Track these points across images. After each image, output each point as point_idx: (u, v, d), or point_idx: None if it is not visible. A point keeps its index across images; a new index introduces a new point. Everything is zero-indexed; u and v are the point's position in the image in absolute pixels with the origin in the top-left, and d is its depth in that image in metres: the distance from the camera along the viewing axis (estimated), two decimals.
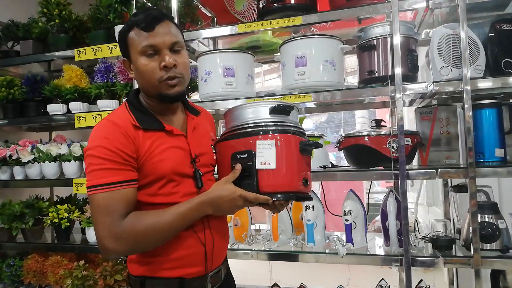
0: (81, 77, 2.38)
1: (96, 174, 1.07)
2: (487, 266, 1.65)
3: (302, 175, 1.20)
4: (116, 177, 1.07)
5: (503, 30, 1.76)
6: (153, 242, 1.10)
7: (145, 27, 1.12)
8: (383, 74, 1.86)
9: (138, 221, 1.07)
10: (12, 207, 2.38)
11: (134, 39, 1.14)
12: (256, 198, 1.13)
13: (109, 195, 1.06)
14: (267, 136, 1.17)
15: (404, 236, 1.69)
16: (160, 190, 1.14)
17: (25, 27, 2.57)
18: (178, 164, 1.16)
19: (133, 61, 1.16)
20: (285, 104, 1.23)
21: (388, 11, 1.77)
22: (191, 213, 1.12)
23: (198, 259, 1.18)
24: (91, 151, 1.09)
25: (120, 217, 1.06)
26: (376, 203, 4.32)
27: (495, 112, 1.79)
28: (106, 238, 1.05)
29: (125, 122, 1.13)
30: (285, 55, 1.98)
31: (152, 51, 1.13)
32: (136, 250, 1.14)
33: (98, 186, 1.06)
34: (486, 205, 1.74)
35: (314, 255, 1.87)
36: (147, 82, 1.15)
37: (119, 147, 1.08)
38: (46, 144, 2.47)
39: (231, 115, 1.30)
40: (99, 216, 1.06)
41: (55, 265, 2.25)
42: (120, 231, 1.05)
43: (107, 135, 1.09)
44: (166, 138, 1.17)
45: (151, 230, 1.07)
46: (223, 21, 2.81)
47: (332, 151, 2.52)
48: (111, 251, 1.06)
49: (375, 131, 1.87)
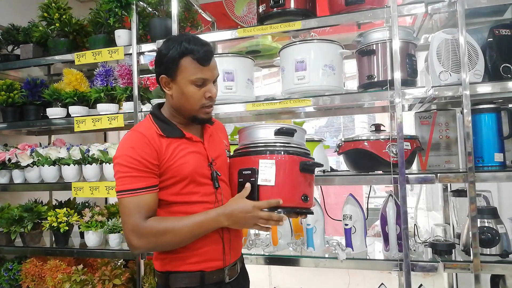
0: (81, 81, 2.38)
1: (123, 180, 1.23)
2: (486, 271, 1.65)
3: (301, 191, 1.31)
4: (140, 184, 1.22)
5: (501, 35, 1.76)
6: (171, 243, 1.24)
7: (202, 62, 1.26)
8: (382, 79, 1.86)
9: (159, 223, 1.23)
10: (11, 211, 2.37)
11: (187, 68, 1.26)
12: (268, 203, 1.25)
13: (134, 199, 1.21)
14: (268, 156, 1.31)
15: (403, 241, 1.69)
16: (183, 189, 1.28)
17: (25, 31, 2.58)
18: (198, 166, 1.30)
19: (179, 84, 1.28)
20: (288, 127, 1.37)
21: (387, 16, 1.78)
22: (208, 222, 1.25)
23: (217, 254, 1.31)
24: (119, 160, 1.24)
25: (142, 218, 1.21)
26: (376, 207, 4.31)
27: (494, 116, 1.80)
28: (131, 235, 1.21)
29: (150, 131, 1.28)
30: (284, 59, 1.99)
31: (201, 83, 1.28)
32: (156, 248, 1.28)
33: (125, 191, 1.22)
34: (486, 209, 1.74)
35: (313, 260, 1.86)
36: (189, 106, 1.30)
37: (143, 155, 1.23)
38: (46, 147, 2.46)
39: (242, 133, 1.46)
40: (125, 217, 1.22)
41: (54, 269, 2.24)
42: (142, 230, 1.20)
43: (133, 145, 1.24)
44: (187, 144, 1.32)
45: (170, 232, 1.22)
46: (223, 25, 2.82)
47: (331, 155, 2.52)
48: (136, 247, 1.22)
49: (375, 136, 1.87)
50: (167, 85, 1.31)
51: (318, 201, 2.01)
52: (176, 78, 1.28)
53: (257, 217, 1.25)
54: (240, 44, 2.55)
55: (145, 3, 2.32)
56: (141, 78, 2.24)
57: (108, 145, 2.31)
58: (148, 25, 2.30)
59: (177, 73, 1.27)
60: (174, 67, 1.27)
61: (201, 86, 1.28)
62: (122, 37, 2.26)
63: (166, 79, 1.30)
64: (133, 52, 2.20)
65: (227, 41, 2.16)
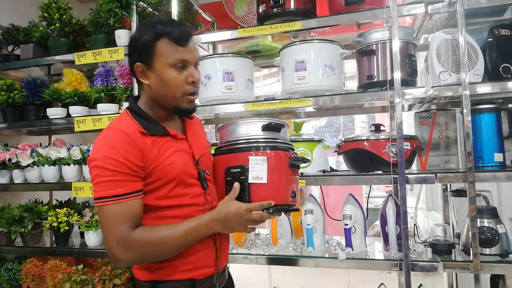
0: (81, 81, 2.38)
1: (103, 185, 1.08)
2: (486, 271, 1.65)
3: (291, 188, 1.28)
4: (123, 189, 1.09)
5: (501, 35, 1.77)
6: (161, 253, 1.13)
7: (179, 42, 1.14)
8: (382, 79, 1.87)
9: (149, 233, 1.11)
10: (11, 211, 2.37)
11: (165, 50, 1.14)
12: (261, 205, 1.18)
13: (118, 207, 1.08)
14: (259, 152, 1.24)
15: (403, 241, 1.69)
16: (170, 192, 1.17)
17: (26, 31, 2.58)
18: (185, 166, 1.20)
19: (156, 70, 1.16)
20: (277, 122, 1.30)
21: (387, 16, 1.78)
22: (201, 229, 1.15)
23: (209, 260, 1.23)
24: (98, 162, 1.09)
25: (129, 228, 1.09)
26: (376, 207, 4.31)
27: (494, 116, 1.80)
28: (116, 248, 1.08)
29: (132, 129, 1.14)
30: (284, 59, 1.99)
31: (182, 65, 1.16)
32: (144, 260, 1.16)
33: (106, 198, 1.08)
34: (486, 209, 1.74)
35: (313, 260, 1.87)
36: (170, 94, 1.18)
37: (127, 156, 1.09)
38: (46, 148, 2.47)
39: (225, 130, 1.37)
40: (108, 227, 1.09)
41: (54, 269, 2.24)
42: (130, 241, 1.08)
43: (115, 144, 1.10)
44: (171, 142, 1.21)
45: (161, 242, 1.11)
46: (223, 25, 2.82)
47: (331, 155, 2.52)
48: (121, 260, 1.09)
49: (374, 136, 1.87)
50: (143, 74, 1.19)
51: (318, 201, 2.01)
52: (153, 64, 1.15)
53: (250, 219, 1.17)
54: (240, 44, 2.55)
55: (145, 3, 2.32)
56: None
57: None
58: None
59: (153, 58, 1.15)
60: (150, 51, 1.14)
61: (182, 70, 1.16)
62: (122, 37, 2.27)
63: (141, 67, 1.18)
64: None
65: (227, 41, 2.17)
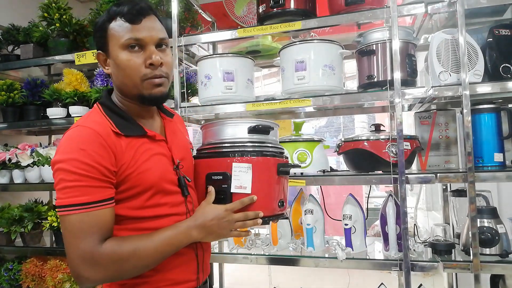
0: (81, 81, 2.38)
1: (69, 192, 0.93)
2: (486, 271, 1.65)
3: (278, 197, 1.17)
4: (93, 196, 0.94)
5: (501, 35, 1.77)
6: (135, 269, 0.99)
7: (130, 19, 1.01)
8: (382, 79, 1.87)
9: (120, 246, 0.96)
10: (11, 211, 2.37)
11: (115, 30, 1.02)
12: (241, 202, 1.08)
13: (85, 217, 0.93)
14: (244, 159, 1.12)
15: (403, 241, 1.69)
16: (147, 202, 1.04)
17: (26, 31, 2.58)
18: (164, 172, 1.07)
19: (111, 55, 1.04)
20: (265, 124, 1.19)
21: (387, 16, 1.78)
22: (179, 237, 1.02)
23: (191, 274, 1.12)
24: (63, 164, 0.94)
25: (97, 241, 0.94)
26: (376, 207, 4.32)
27: (494, 117, 1.80)
28: (81, 265, 0.92)
29: (105, 129, 1.00)
30: (284, 59, 1.99)
31: (136, 45, 1.02)
32: (115, 278, 1.00)
33: (72, 206, 0.93)
34: (486, 209, 1.74)
35: (313, 260, 1.87)
36: (128, 80, 1.03)
37: (97, 159, 0.95)
38: (46, 147, 2.47)
39: (208, 130, 1.25)
40: (72, 240, 0.93)
41: (54, 269, 2.24)
42: (98, 257, 0.93)
43: (84, 146, 0.95)
44: (149, 144, 1.08)
45: (134, 256, 0.96)
46: (223, 25, 2.82)
47: (331, 155, 2.52)
48: (87, 279, 0.93)
49: (374, 136, 1.87)
50: (105, 63, 1.08)
51: (318, 201, 2.01)
52: (109, 49, 1.04)
53: (233, 220, 1.07)
54: (240, 44, 2.55)
55: None
56: None
57: None
58: None
59: (108, 42, 1.03)
60: (104, 36, 1.04)
61: (137, 52, 1.02)
62: None
63: (102, 55, 1.07)
64: None
65: (227, 41, 2.16)
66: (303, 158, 1.97)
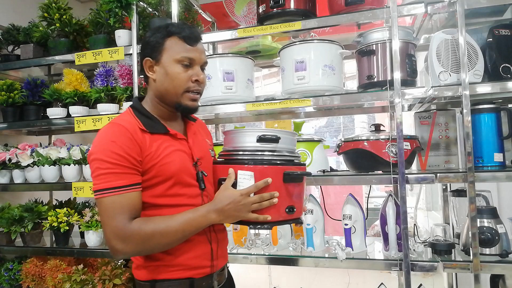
0: (81, 81, 2.38)
1: (103, 178, 1.11)
2: (486, 271, 1.65)
3: (285, 204, 1.21)
4: (122, 181, 1.11)
5: (501, 35, 1.77)
6: (159, 245, 1.14)
7: (189, 41, 1.21)
8: (382, 79, 1.87)
9: (146, 224, 1.12)
10: (11, 211, 2.37)
11: (173, 46, 1.21)
12: (256, 186, 1.18)
13: (116, 198, 1.10)
14: (247, 167, 1.20)
15: (403, 241, 1.69)
16: (167, 191, 1.19)
17: (26, 31, 2.58)
18: (183, 166, 1.22)
19: (163, 65, 1.21)
20: (272, 133, 1.26)
21: (387, 16, 1.78)
22: (198, 219, 1.16)
23: (206, 260, 1.24)
24: (98, 155, 1.12)
25: (127, 220, 1.11)
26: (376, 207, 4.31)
27: (494, 117, 1.80)
28: (114, 240, 1.10)
29: (133, 126, 1.18)
30: (284, 59, 1.99)
31: (188, 63, 1.21)
32: (142, 252, 1.17)
33: (105, 190, 1.10)
34: (485, 209, 1.74)
35: (313, 260, 1.87)
36: (172, 88, 1.22)
37: (126, 150, 1.12)
38: (46, 147, 2.47)
39: (227, 137, 1.37)
40: (107, 219, 1.11)
41: (54, 269, 2.24)
42: (127, 233, 1.10)
43: (114, 139, 1.13)
44: (171, 141, 1.23)
45: (158, 233, 1.12)
46: (223, 25, 2.83)
47: (331, 155, 2.52)
48: (119, 252, 1.11)
49: (374, 136, 1.87)
50: (150, 68, 1.25)
51: (318, 201, 2.01)
52: (160, 58, 1.22)
53: (248, 203, 1.16)
54: (240, 44, 2.55)
55: (146, 3, 2.32)
56: (141, 78, 2.24)
57: None
58: (148, 26, 2.30)
59: (162, 53, 1.21)
60: (159, 47, 1.21)
61: (187, 68, 1.22)
62: (122, 37, 2.27)
63: (150, 62, 1.24)
64: (133, 52, 2.20)
65: (227, 41, 2.17)
66: (303, 158, 1.97)
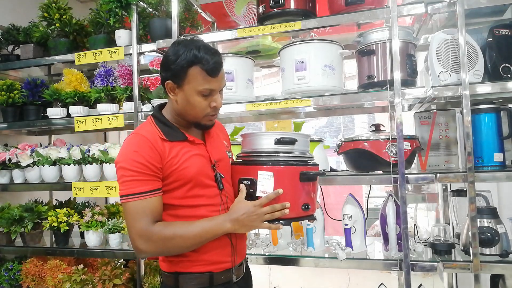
0: (81, 81, 2.38)
1: (127, 184, 1.22)
2: (486, 271, 1.65)
3: (302, 202, 1.31)
4: (144, 187, 1.21)
5: (501, 35, 1.77)
6: (178, 248, 1.25)
7: (211, 73, 1.24)
8: (382, 79, 1.87)
9: (167, 228, 1.23)
10: (11, 211, 2.37)
11: (195, 78, 1.24)
12: (267, 197, 1.27)
13: (139, 203, 1.21)
14: (267, 167, 1.30)
15: (403, 241, 1.69)
16: (187, 193, 1.28)
17: (26, 31, 2.58)
18: (201, 169, 1.30)
19: (185, 93, 1.27)
20: (289, 136, 1.36)
21: (387, 16, 1.78)
22: (214, 227, 1.25)
23: (226, 256, 1.33)
24: (122, 164, 1.23)
25: (149, 222, 1.21)
26: (376, 207, 4.31)
27: (494, 116, 1.80)
28: (138, 240, 1.20)
29: (153, 135, 1.27)
30: (284, 59, 1.99)
31: (208, 93, 1.27)
32: (163, 252, 1.28)
33: (131, 195, 1.21)
34: (485, 209, 1.74)
35: (313, 260, 1.87)
36: (193, 113, 1.30)
37: (147, 159, 1.22)
38: (46, 147, 2.47)
39: (245, 139, 1.46)
40: (132, 221, 1.21)
41: (54, 269, 2.24)
42: (150, 234, 1.20)
43: (137, 148, 1.23)
44: (190, 147, 1.32)
45: (178, 237, 1.22)
46: (223, 25, 2.82)
47: (331, 155, 2.52)
48: (142, 251, 1.22)
49: (374, 136, 1.87)
50: (172, 90, 1.30)
51: (318, 201, 2.01)
52: (183, 86, 1.26)
53: (261, 214, 1.26)
54: (240, 44, 2.55)
55: (145, 3, 2.32)
56: (141, 78, 2.24)
57: (108, 145, 2.32)
58: (148, 25, 2.30)
59: (184, 81, 1.25)
60: (182, 75, 1.25)
61: (207, 96, 1.27)
62: (122, 37, 2.27)
63: (172, 85, 1.28)
64: (133, 52, 2.20)
65: (227, 41, 2.17)
66: None
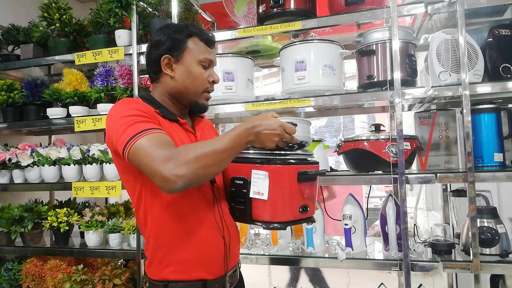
0: (81, 81, 2.38)
1: (130, 128, 1.08)
2: (486, 271, 1.65)
3: (299, 204, 1.18)
4: (150, 125, 1.10)
5: (501, 35, 1.77)
6: (211, 163, 1.05)
7: (208, 43, 1.27)
8: (382, 79, 1.87)
9: (193, 145, 1.10)
10: (11, 211, 2.37)
11: (196, 47, 1.25)
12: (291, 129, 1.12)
13: (153, 135, 1.06)
14: (262, 166, 1.15)
15: (403, 241, 1.69)
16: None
17: (26, 31, 2.58)
18: None
19: (185, 64, 1.24)
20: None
21: (387, 16, 1.78)
22: (240, 137, 1.08)
23: (218, 259, 1.23)
24: (118, 115, 1.13)
25: (170, 147, 1.06)
26: (376, 207, 4.32)
27: (494, 116, 1.80)
28: (166, 166, 1.01)
29: (147, 105, 1.21)
30: (284, 59, 1.99)
31: (207, 64, 1.27)
32: (197, 173, 1.04)
33: (139, 132, 1.06)
34: (485, 209, 1.74)
35: (313, 260, 1.87)
36: (194, 87, 1.26)
37: (143, 110, 1.15)
38: (46, 147, 2.47)
39: None
40: (150, 153, 1.03)
41: (54, 269, 2.24)
42: (176, 155, 1.02)
43: (131, 103, 1.18)
44: (180, 130, 1.26)
45: (208, 152, 1.04)
46: (223, 25, 2.82)
47: (331, 155, 2.52)
48: (178, 178, 1.01)
49: (374, 136, 1.87)
50: (168, 66, 1.25)
51: (318, 201, 2.01)
52: (182, 58, 1.24)
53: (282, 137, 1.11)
54: (240, 44, 2.55)
55: (145, 3, 2.32)
56: (141, 78, 2.24)
57: None
58: (148, 26, 2.30)
59: (184, 52, 1.24)
60: (181, 46, 1.24)
61: (206, 69, 1.27)
62: (122, 37, 2.27)
63: (169, 59, 1.24)
64: (133, 52, 2.20)
65: (227, 41, 2.16)
66: None
